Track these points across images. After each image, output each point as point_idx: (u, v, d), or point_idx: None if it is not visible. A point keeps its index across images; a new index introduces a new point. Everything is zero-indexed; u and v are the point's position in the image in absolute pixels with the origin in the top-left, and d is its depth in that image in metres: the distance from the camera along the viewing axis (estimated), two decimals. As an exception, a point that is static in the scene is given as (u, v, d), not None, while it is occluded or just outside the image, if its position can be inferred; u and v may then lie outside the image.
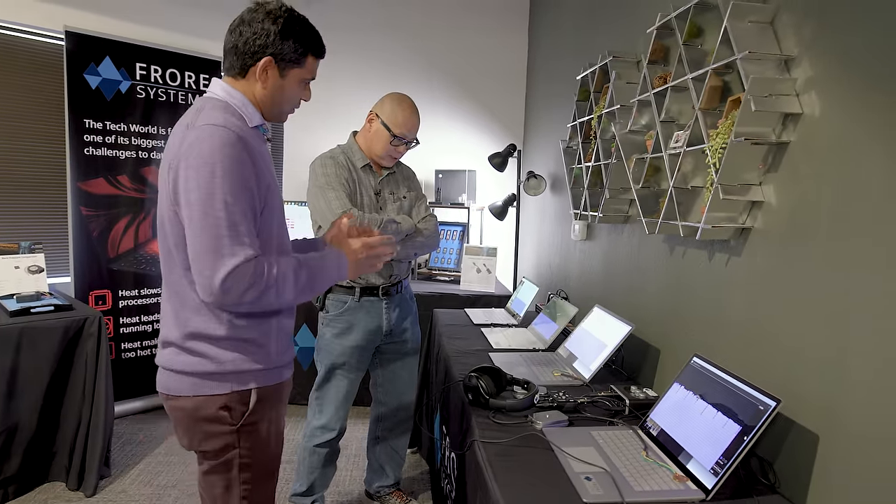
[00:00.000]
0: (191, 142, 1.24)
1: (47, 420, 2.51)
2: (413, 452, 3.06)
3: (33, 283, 2.82)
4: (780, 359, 1.41)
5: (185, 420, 1.36)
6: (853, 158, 1.21)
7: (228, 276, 1.19)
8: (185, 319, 1.32)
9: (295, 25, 1.36)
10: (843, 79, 1.25)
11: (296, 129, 4.16)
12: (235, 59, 1.36)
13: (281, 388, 1.47)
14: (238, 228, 1.22)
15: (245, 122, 1.34)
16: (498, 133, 4.41)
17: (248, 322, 1.34)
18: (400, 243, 2.17)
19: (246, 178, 1.25)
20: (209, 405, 1.32)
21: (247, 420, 1.36)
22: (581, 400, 1.74)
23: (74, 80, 3.13)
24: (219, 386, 1.32)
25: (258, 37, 1.32)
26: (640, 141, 2.13)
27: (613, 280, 2.47)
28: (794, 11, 1.40)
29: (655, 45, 1.96)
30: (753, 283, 1.52)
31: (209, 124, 1.25)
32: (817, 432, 1.27)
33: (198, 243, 1.22)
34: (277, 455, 1.49)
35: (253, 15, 1.33)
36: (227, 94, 1.36)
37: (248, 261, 1.22)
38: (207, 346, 1.32)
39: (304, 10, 1.42)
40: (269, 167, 1.37)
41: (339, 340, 2.19)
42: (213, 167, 1.21)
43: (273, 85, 1.38)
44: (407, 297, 2.37)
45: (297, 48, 1.37)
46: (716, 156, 1.51)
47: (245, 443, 1.37)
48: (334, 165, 2.12)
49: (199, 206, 1.21)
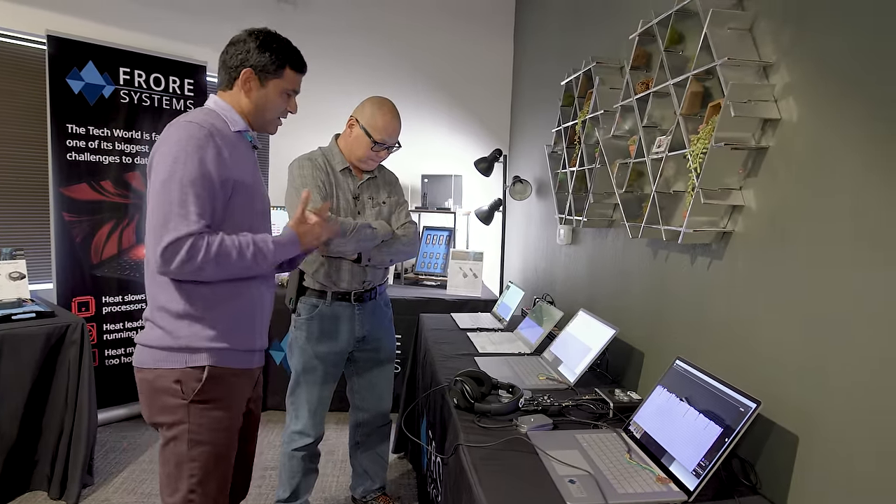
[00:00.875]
0: (165, 136, 1.43)
1: (29, 428, 2.47)
2: (400, 457, 3.05)
3: (15, 289, 2.78)
4: (761, 361, 1.43)
5: (146, 391, 1.48)
6: (830, 163, 1.24)
7: (167, 248, 1.33)
8: (154, 295, 1.47)
9: (272, 41, 1.54)
10: (820, 85, 1.27)
11: (279, 133, 4.14)
12: (223, 74, 1.56)
13: (238, 374, 1.53)
14: (187, 207, 1.36)
15: (227, 125, 1.51)
16: (484, 138, 4.42)
17: (206, 301, 1.46)
18: (375, 249, 2.16)
19: (205, 163, 1.39)
20: (166, 377, 1.44)
21: (198, 396, 1.44)
22: (566, 403, 1.75)
23: (57, 85, 3.10)
24: (175, 359, 1.44)
25: (240, 52, 1.53)
26: (623, 146, 2.15)
27: (598, 284, 2.49)
28: (772, 19, 1.43)
29: (638, 51, 1.98)
30: (735, 287, 1.54)
31: (184, 120, 1.44)
32: (797, 433, 1.29)
33: (153, 218, 1.36)
34: (231, 443, 1.54)
35: (239, 36, 1.55)
36: (215, 103, 1.55)
37: (189, 236, 1.34)
38: (168, 319, 1.44)
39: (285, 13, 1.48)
40: (244, 167, 1.51)
41: (309, 344, 2.16)
42: (177, 154, 1.38)
43: (256, 95, 1.56)
44: (381, 304, 2.33)
45: (275, 60, 1.54)
46: (697, 160, 1.53)
47: (196, 419, 1.45)
48: (311, 167, 2.11)
49: (159, 186, 1.37)
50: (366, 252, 2.14)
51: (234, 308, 1.51)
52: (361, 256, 2.14)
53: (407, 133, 3.63)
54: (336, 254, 2.09)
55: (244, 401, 1.60)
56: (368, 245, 2.11)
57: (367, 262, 2.15)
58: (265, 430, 3.33)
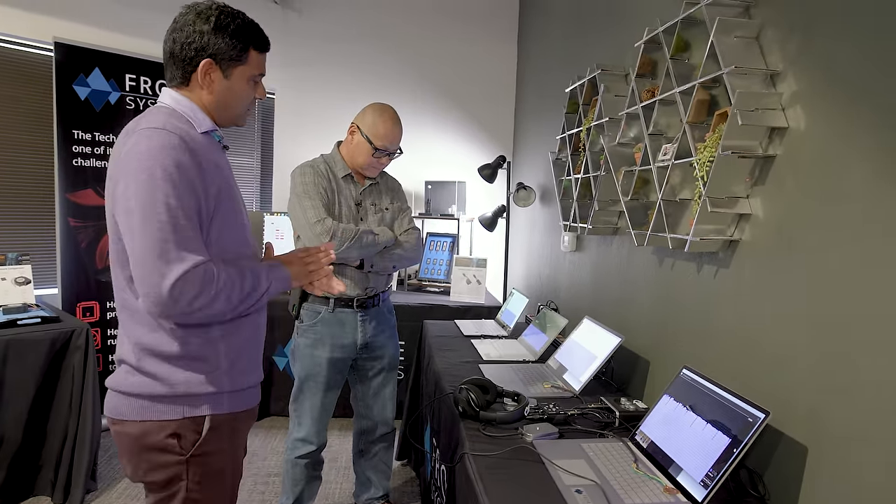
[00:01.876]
0: (129, 148, 1.18)
1: (33, 433, 2.47)
2: (404, 465, 3.04)
3: (20, 294, 2.79)
4: (769, 371, 1.42)
5: (129, 447, 1.25)
6: (837, 171, 1.23)
7: (177, 282, 1.11)
8: (137, 336, 1.24)
9: (228, 21, 1.27)
10: (828, 93, 1.27)
11: (283, 141, 4.16)
12: (175, 69, 1.28)
13: (240, 418, 1.36)
14: (185, 232, 1.15)
15: (193, 127, 1.26)
16: (487, 144, 4.43)
17: (204, 339, 1.26)
18: (378, 255, 2.16)
19: (190, 179, 1.17)
20: (156, 431, 1.22)
21: (198, 450, 1.25)
22: (571, 412, 1.75)
23: (63, 91, 3.12)
24: (169, 410, 1.22)
25: (192, 40, 1.24)
26: (628, 153, 2.15)
27: (603, 291, 2.48)
28: (779, 27, 1.42)
29: (643, 58, 1.98)
30: (742, 295, 1.54)
31: (148, 128, 1.18)
32: (806, 444, 1.28)
33: (141, 250, 1.13)
34: (232, 493, 1.38)
35: (184, 18, 1.26)
36: (175, 101, 1.29)
37: (198, 266, 1.14)
38: (159, 364, 1.23)
39: (289, 19, 1.43)
40: (223, 173, 1.29)
41: (311, 351, 2.16)
42: (152, 169, 1.14)
43: (219, 88, 1.30)
44: (384, 311, 2.32)
45: (236, 44, 1.28)
46: (703, 169, 1.53)
47: (195, 476, 1.26)
48: (313, 174, 2.10)
49: (140, 212, 1.13)
50: (368, 258, 2.14)
51: (236, 343, 1.32)
52: (364, 263, 2.14)
53: (411, 139, 3.64)
54: (339, 260, 2.09)
55: (246, 439, 1.42)
56: (370, 251, 2.11)
57: (369, 269, 2.15)
58: (269, 436, 3.33)
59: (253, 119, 4.23)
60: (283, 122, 4.18)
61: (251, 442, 3.25)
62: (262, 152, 4.27)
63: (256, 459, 3.05)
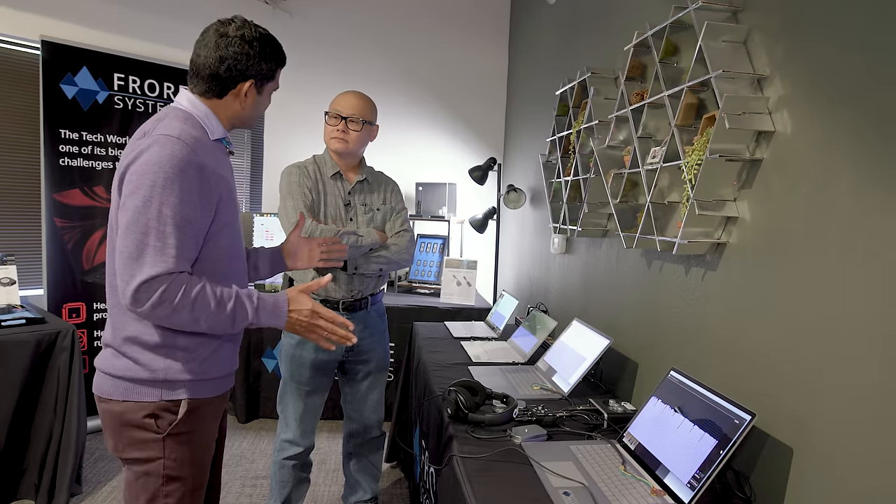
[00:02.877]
0: (142, 149, 1.25)
1: (17, 436, 2.44)
2: (393, 467, 3.03)
3: (5, 295, 2.76)
4: (755, 372, 1.43)
5: (112, 423, 1.35)
6: (823, 175, 1.24)
7: (141, 286, 1.19)
8: (122, 323, 1.32)
9: (267, 46, 1.41)
10: (814, 97, 1.28)
11: (274, 141, 4.15)
12: (214, 84, 1.38)
13: (215, 402, 1.44)
14: (166, 240, 1.21)
15: (206, 134, 1.36)
16: (478, 146, 4.44)
17: (183, 332, 1.33)
18: (363, 257, 2.14)
19: (189, 192, 1.25)
20: (136, 411, 1.32)
21: (174, 430, 1.34)
22: (560, 414, 1.75)
23: (50, 91, 3.09)
24: (148, 392, 1.32)
25: (238, 62, 1.36)
26: (617, 156, 2.16)
27: (592, 293, 2.49)
28: (767, 32, 1.44)
29: (633, 62, 1.99)
30: (729, 298, 1.55)
31: (163, 134, 1.26)
32: (791, 445, 1.29)
33: (124, 248, 1.21)
34: (205, 474, 1.45)
35: (226, 41, 1.35)
36: (193, 105, 1.38)
37: (166, 274, 1.21)
38: (141, 351, 1.31)
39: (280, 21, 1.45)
40: (225, 179, 1.37)
41: (296, 351, 2.14)
42: (156, 176, 1.21)
43: (252, 103, 1.44)
44: (374, 315, 2.28)
45: (272, 66, 1.43)
46: (691, 172, 1.54)
47: (171, 453, 1.34)
48: (298, 174, 2.10)
49: (134, 212, 1.21)
50: (351, 260, 2.12)
51: (213, 337, 1.39)
52: (347, 264, 2.12)
53: (402, 141, 3.65)
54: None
55: (219, 422, 1.51)
56: (353, 254, 2.08)
57: (353, 271, 2.13)
58: (258, 438, 3.31)
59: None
60: (274, 123, 4.17)
61: (239, 444, 3.23)
62: (253, 153, 4.25)
63: (244, 462, 3.03)
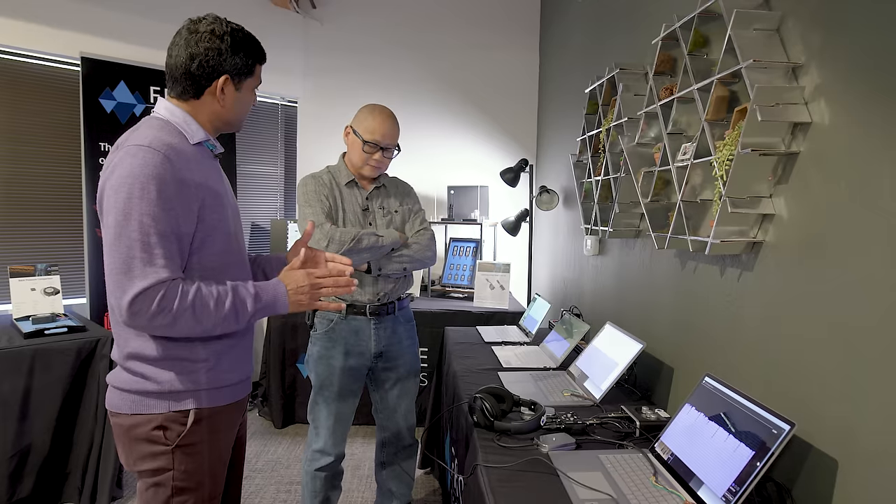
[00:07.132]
0: (115, 163, 1.23)
1: (60, 441, 2.52)
2: (427, 473, 3.01)
3: (49, 304, 2.85)
4: (796, 379, 1.35)
5: (123, 437, 1.34)
6: (866, 168, 1.16)
7: (136, 299, 1.18)
8: (124, 340, 1.32)
9: (240, 39, 1.36)
10: (854, 86, 1.20)
11: (309, 149, 4.19)
12: (188, 83, 1.34)
13: (227, 410, 1.41)
14: (152, 250, 1.20)
15: (185, 139, 1.32)
16: (510, 148, 4.39)
17: (183, 342, 1.31)
18: (386, 258, 2.12)
19: (168, 198, 1.22)
20: (144, 424, 1.31)
21: (183, 441, 1.32)
22: (590, 421, 1.69)
23: (90, 105, 3.19)
24: (156, 405, 1.31)
25: (210, 57, 1.32)
26: (648, 154, 2.09)
27: (626, 296, 2.41)
28: (801, 18, 1.36)
29: (661, 56, 1.92)
30: (767, 300, 1.47)
31: (133, 144, 1.23)
32: (836, 458, 1.21)
33: (112, 264, 1.20)
34: (219, 482, 1.43)
35: (196, 37, 1.32)
36: (169, 112, 1.35)
37: (160, 283, 1.20)
38: (145, 366, 1.30)
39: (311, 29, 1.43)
40: (209, 185, 1.33)
41: (325, 360, 2.13)
42: (131, 188, 1.19)
43: (231, 101, 1.39)
44: (401, 320, 2.24)
45: (247, 60, 1.38)
46: (723, 167, 1.46)
47: (181, 465, 1.33)
48: (314, 183, 2.10)
49: (115, 228, 1.19)
50: (375, 262, 2.11)
51: (216, 346, 1.37)
52: (371, 266, 2.11)
53: (433, 144, 3.62)
54: None
55: (234, 432, 1.47)
56: (375, 254, 2.07)
57: (378, 272, 2.11)
58: (293, 444, 3.33)
59: (276, 128, 4.27)
60: (306, 131, 4.21)
61: (274, 450, 3.26)
62: (286, 161, 4.30)
63: (280, 467, 3.05)
